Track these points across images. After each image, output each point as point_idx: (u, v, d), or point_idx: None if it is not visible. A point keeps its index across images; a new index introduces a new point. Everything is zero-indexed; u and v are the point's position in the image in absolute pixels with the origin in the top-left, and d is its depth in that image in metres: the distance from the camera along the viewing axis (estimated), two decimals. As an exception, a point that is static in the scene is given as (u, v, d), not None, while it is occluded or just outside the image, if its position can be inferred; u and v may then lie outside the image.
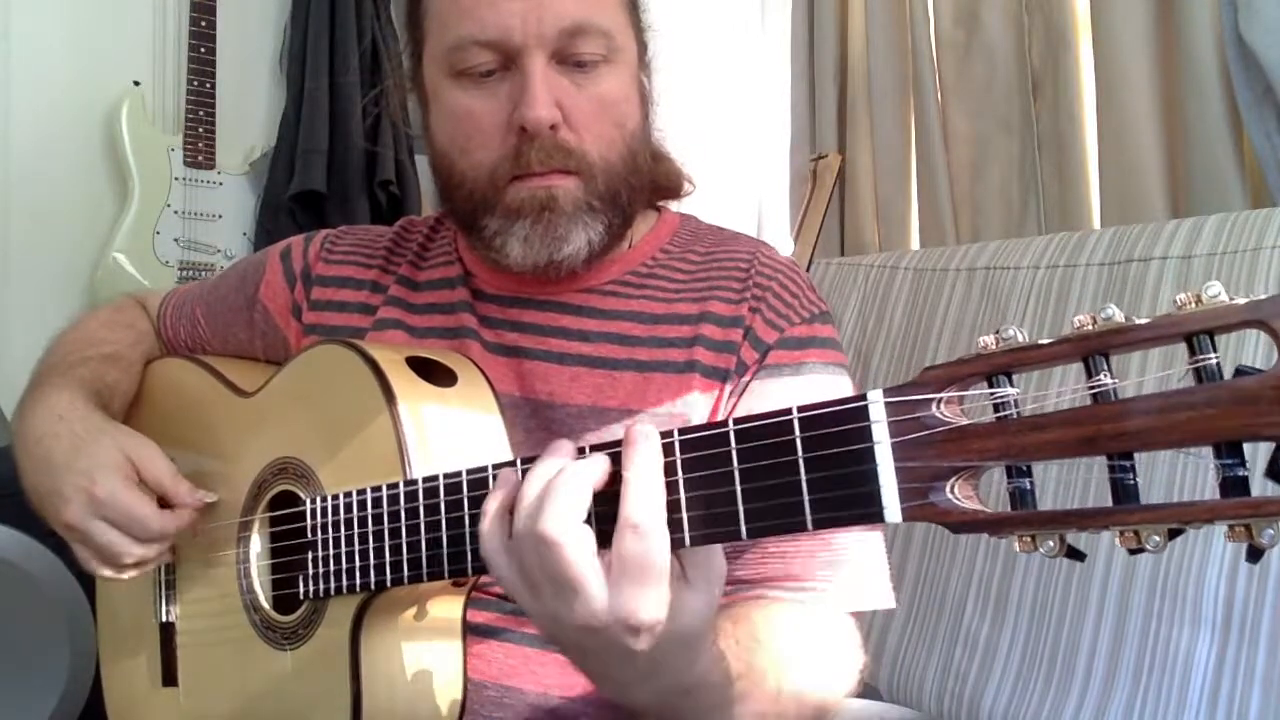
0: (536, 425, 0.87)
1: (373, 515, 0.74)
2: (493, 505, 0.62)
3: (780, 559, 0.82)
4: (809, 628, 0.80)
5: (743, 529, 0.56)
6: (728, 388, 0.86)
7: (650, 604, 0.56)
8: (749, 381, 0.87)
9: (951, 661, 1.25)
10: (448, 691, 0.78)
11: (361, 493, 0.75)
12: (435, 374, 0.81)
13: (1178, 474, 1.03)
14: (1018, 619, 1.20)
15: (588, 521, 0.58)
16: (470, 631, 0.80)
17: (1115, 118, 1.45)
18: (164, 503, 0.89)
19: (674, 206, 1.02)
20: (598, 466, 0.59)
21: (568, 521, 0.56)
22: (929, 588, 1.31)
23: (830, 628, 0.81)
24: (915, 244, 1.81)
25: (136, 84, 2.44)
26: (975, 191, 1.70)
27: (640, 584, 0.56)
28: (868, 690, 1.31)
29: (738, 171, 2.18)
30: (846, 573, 0.82)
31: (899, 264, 1.54)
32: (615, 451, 0.59)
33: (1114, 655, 1.10)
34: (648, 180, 0.92)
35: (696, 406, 0.85)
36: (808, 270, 1.72)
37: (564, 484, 0.57)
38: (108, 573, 0.89)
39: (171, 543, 0.90)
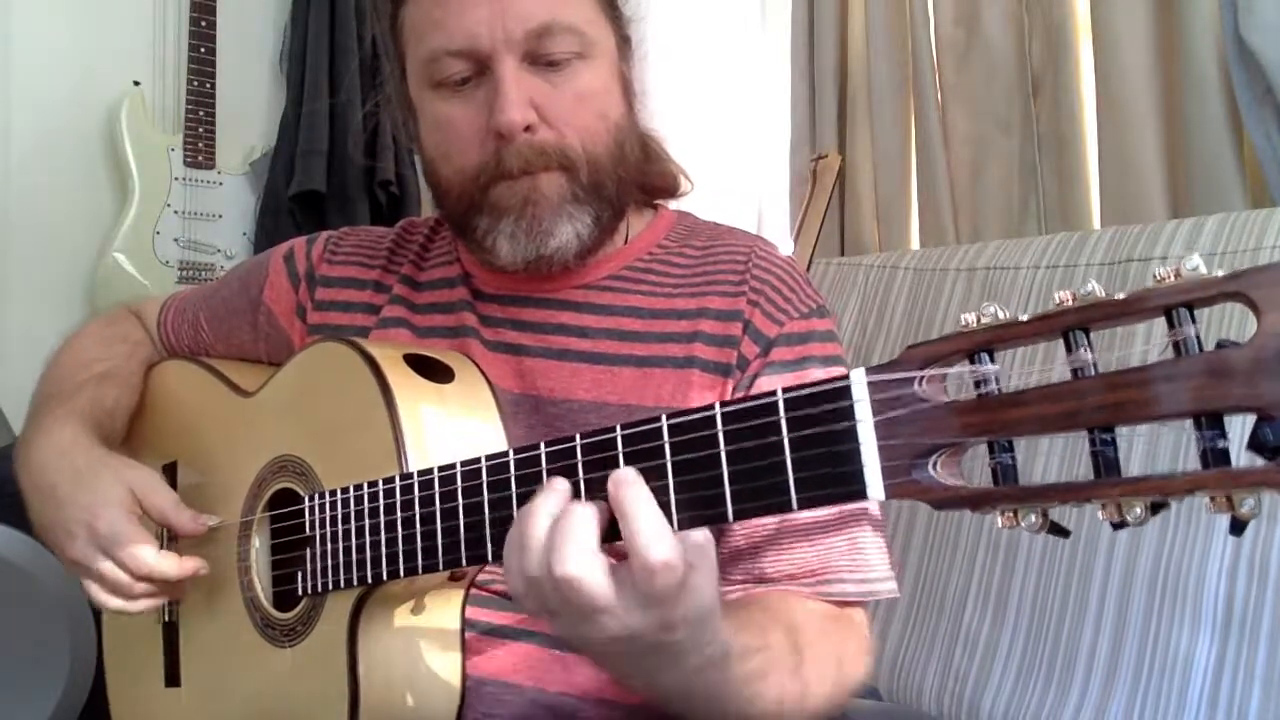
0: (538, 422, 0.87)
1: (369, 509, 0.75)
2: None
3: (799, 554, 0.83)
4: (822, 611, 0.80)
5: (729, 511, 0.57)
6: (730, 383, 0.86)
7: (680, 604, 0.58)
8: (753, 378, 0.87)
9: (951, 661, 1.25)
10: (446, 688, 0.78)
11: (358, 488, 0.76)
12: (432, 370, 0.81)
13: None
14: (1018, 619, 1.20)
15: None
16: (470, 629, 0.80)
17: (1115, 118, 1.45)
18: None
19: (673, 206, 1.02)
20: (597, 512, 0.60)
21: (582, 559, 0.58)
22: (929, 587, 1.31)
23: (842, 613, 0.82)
24: (915, 244, 1.81)
25: (136, 84, 2.45)
26: (975, 191, 1.70)
27: (675, 602, 0.58)
28: (868, 690, 1.30)
29: (738, 171, 2.18)
30: (859, 562, 0.83)
31: (899, 264, 1.54)
32: (601, 475, 0.60)
33: (1114, 655, 1.09)
34: (636, 171, 0.92)
35: (697, 402, 0.85)
36: (807, 270, 1.72)
37: (572, 528, 0.59)
38: (116, 604, 0.87)
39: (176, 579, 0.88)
